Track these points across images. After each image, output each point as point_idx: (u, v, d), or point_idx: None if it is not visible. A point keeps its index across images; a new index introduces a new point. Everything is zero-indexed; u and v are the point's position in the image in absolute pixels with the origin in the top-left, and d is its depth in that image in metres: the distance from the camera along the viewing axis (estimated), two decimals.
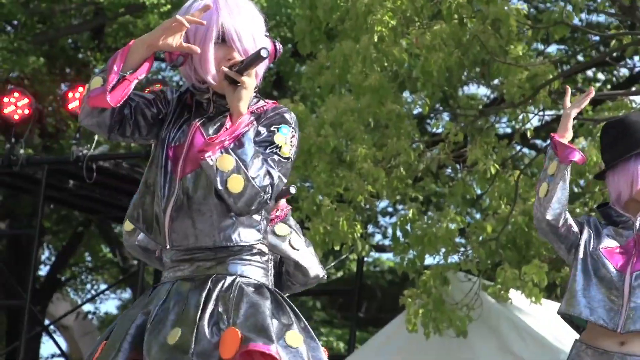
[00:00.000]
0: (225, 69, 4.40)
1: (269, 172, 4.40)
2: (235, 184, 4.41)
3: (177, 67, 4.50)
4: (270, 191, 4.41)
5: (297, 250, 5.63)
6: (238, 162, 4.38)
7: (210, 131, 4.47)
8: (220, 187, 4.39)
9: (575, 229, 5.53)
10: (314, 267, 5.68)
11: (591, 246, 5.51)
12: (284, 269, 5.76)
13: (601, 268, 5.46)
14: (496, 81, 11.57)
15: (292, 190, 6.12)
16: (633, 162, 5.50)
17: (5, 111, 12.61)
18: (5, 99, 12.59)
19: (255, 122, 4.44)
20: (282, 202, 5.76)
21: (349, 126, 9.95)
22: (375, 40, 10.13)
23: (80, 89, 12.42)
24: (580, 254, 5.50)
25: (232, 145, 4.42)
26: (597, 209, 5.77)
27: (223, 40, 4.40)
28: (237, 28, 4.42)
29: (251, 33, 4.43)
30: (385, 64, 10.29)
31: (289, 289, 5.82)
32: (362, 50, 10.14)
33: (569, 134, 5.52)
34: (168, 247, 4.46)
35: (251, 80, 4.41)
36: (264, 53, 4.40)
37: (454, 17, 10.10)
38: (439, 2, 10.26)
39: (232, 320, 4.28)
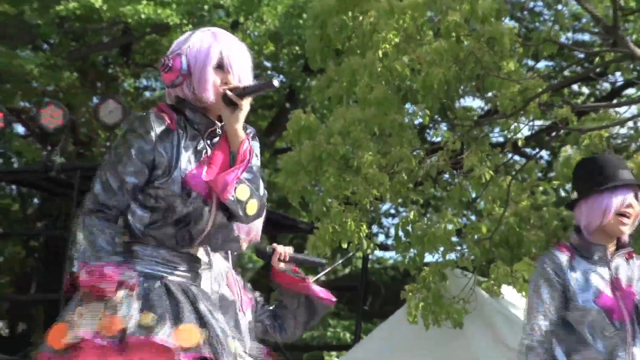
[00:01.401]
0: (228, 92, 4.45)
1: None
2: (252, 207, 4.55)
3: (174, 87, 4.52)
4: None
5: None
6: (252, 188, 4.51)
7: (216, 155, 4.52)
8: (240, 214, 4.53)
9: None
10: None
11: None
12: None
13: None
14: (490, 94, 11.59)
15: (324, 262, 6.54)
16: (606, 195, 5.47)
17: (42, 122, 12.66)
18: (42, 111, 12.64)
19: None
20: None
21: (356, 135, 9.94)
22: (380, 56, 10.15)
23: (110, 101, 12.44)
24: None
25: (244, 174, 4.55)
26: (574, 231, 5.67)
27: (220, 66, 4.45)
28: (234, 57, 4.49)
29: (246, 63, 4.51)
30: (389, 79, 10.30)
31: None
32: (368, 65, 10.15)
33: None
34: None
35: (247, 105, 4.48)
36: (276, 83, 4.53)
37: (452, 35, 10.12)
38: (439, 21, 10.29)
39: None
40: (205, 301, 4.49)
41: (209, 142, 4.50)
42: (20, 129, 16.63)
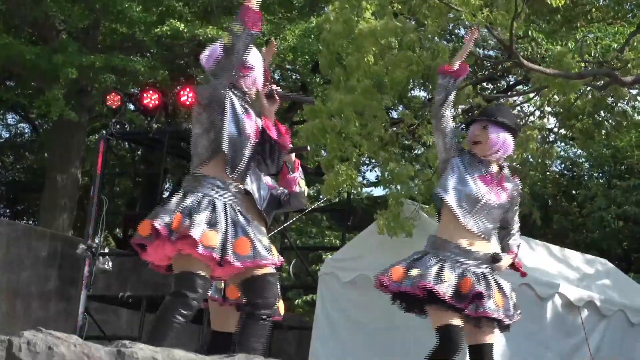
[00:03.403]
0: (279, 90, 4.36)
1: None
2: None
3: (240, 77, 4.27)
4: None
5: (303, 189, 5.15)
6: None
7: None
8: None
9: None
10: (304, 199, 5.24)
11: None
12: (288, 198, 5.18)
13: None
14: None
15: (308, 148, 5.97)
16: (472, 126, 4.96)
17: (145, 102, 12.67)
18: (145, 95, 12.67)
19: None
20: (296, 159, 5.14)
21: (347, 114, 9.82)
22: (367, 59, 9.86)
23: (187, 90, 12.40)
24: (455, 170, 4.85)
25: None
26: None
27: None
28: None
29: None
30: (371, 76, 10.07)
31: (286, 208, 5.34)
32: (361, 67, 9.87)
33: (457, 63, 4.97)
34: None
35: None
36: (314, 103, 4.59)
37: (409, 48, 9.91)
38: (401, 39, 10.01)
39: None
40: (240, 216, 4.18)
41: None
42: (131, 106, 16.67)
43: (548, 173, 16.53)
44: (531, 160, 11.81)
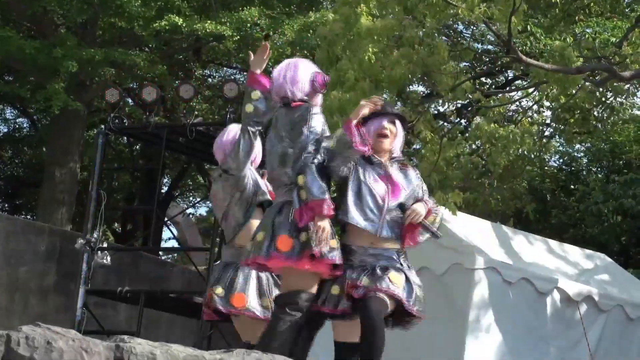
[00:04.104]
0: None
1: None
2: None
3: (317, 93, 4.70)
4: None
5: None
6: None
7: None
8: None
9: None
10: None
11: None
12: None
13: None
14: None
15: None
16: (376, 120, 4.74)
17: (143, 97, 12.62)
18: (144, 90, 12.62)
19: None
20: None
21: (348, 111, 9.75)
22: (366, 58, 9.81)
23: (186, 84, 12.36)
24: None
25: None
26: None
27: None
28: None
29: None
30: (367, 74, 10.09)
31: None
32: (358, 65, 9.87)
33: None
34: None
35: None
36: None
37: (410, 45, 9.88)
38: (402, 36, 9.99)
39: None
40: None
41: None
42: (130, 101, 16.65)
43: (546, 168, 16.54)
44: (526, 154, 11.82)
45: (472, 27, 15.82)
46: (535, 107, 14.18)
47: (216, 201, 5.45)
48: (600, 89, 11.27)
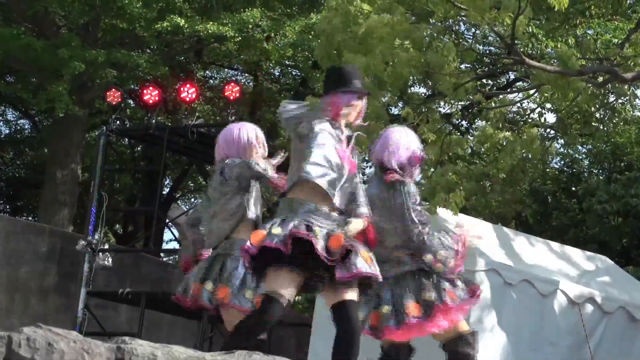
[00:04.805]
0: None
1: None
2: None
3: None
4: None
5: None
6: None
7: None
8: None
9: None
10: None
11: None
12: None
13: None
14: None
15: None
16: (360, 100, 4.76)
17: (145, 98, 12.63)
18: (145, 91, 12.63)
19: None
20: None
21: None
22: (379, 57, 9.72)
23: (188, 85, 12.39)
24: None
25: None
26: None
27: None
28: None
29: None
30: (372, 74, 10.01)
31: None
32: (365, 63, 9.80)
33: None
34: None
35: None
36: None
37: (418, 47, 9.82)
38: (412, 38, 9.91)
39: None
40: None
41: None
42: (131, 102, 16.66)
43: (548, 170, 16.52)
44: (530, 157, 11.80)
45: (473, 28, 15.82)
46: (537, 109, 14.18)
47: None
48: (602, 91, 11.24)
